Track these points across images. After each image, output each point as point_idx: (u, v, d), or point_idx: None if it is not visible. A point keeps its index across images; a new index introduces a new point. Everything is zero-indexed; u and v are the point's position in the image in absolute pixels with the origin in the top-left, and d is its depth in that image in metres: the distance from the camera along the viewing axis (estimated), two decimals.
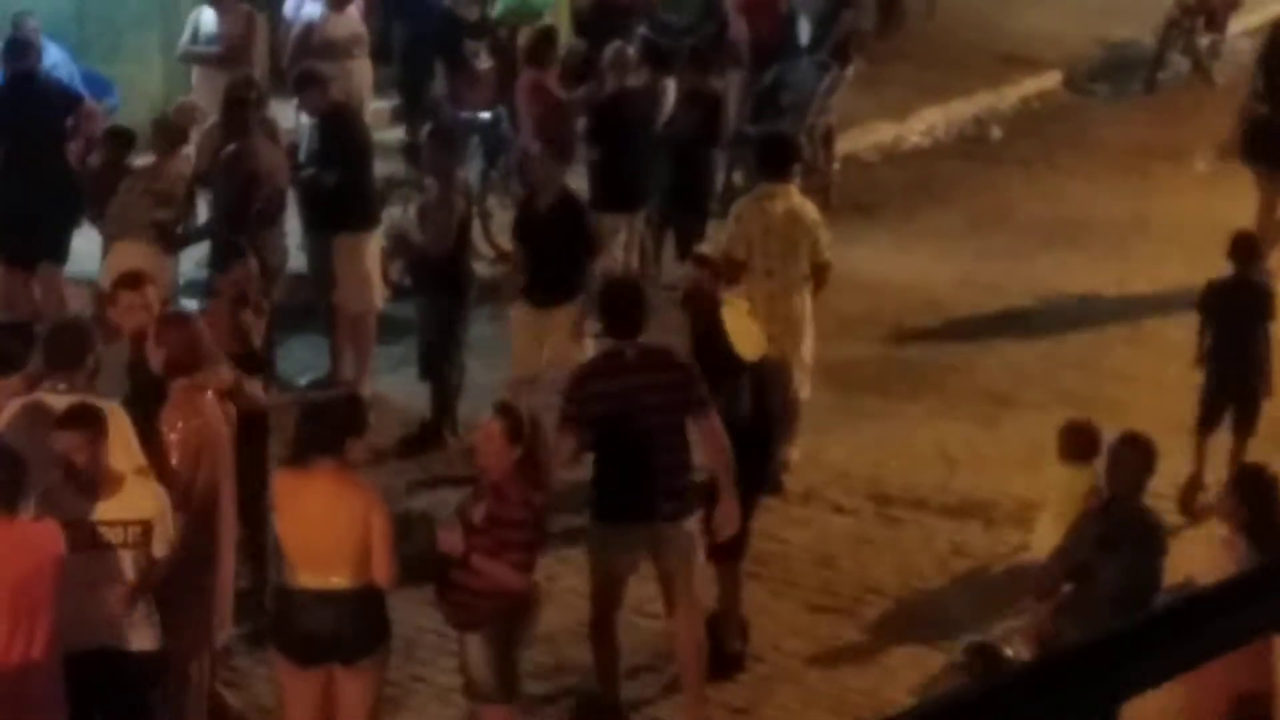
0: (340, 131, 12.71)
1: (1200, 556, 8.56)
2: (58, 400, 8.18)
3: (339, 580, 7.91)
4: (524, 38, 15.31)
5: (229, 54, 14.46)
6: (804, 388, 11.77)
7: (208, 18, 14.76)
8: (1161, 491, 9.99)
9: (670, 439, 9.08)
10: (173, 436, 8.43)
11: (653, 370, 9.12)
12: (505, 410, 8.43)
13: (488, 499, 8.28)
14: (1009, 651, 8.03)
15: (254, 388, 9.57)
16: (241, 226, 11.65)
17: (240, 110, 12.32)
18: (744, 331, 10.01)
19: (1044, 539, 9.21)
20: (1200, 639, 2.77)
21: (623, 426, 8.97)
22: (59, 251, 12.76)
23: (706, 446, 9.21)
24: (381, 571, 7.96)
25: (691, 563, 9.23)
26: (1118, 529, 8.47)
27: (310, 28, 14.99)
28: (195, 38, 14.83)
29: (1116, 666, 2.66)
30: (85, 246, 12.84)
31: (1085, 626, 8.21)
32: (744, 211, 11.59)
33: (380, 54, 16.01)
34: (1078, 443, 9.50)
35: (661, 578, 9.26)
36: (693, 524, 9.18)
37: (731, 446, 9.14)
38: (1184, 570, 8.61)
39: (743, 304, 10.61)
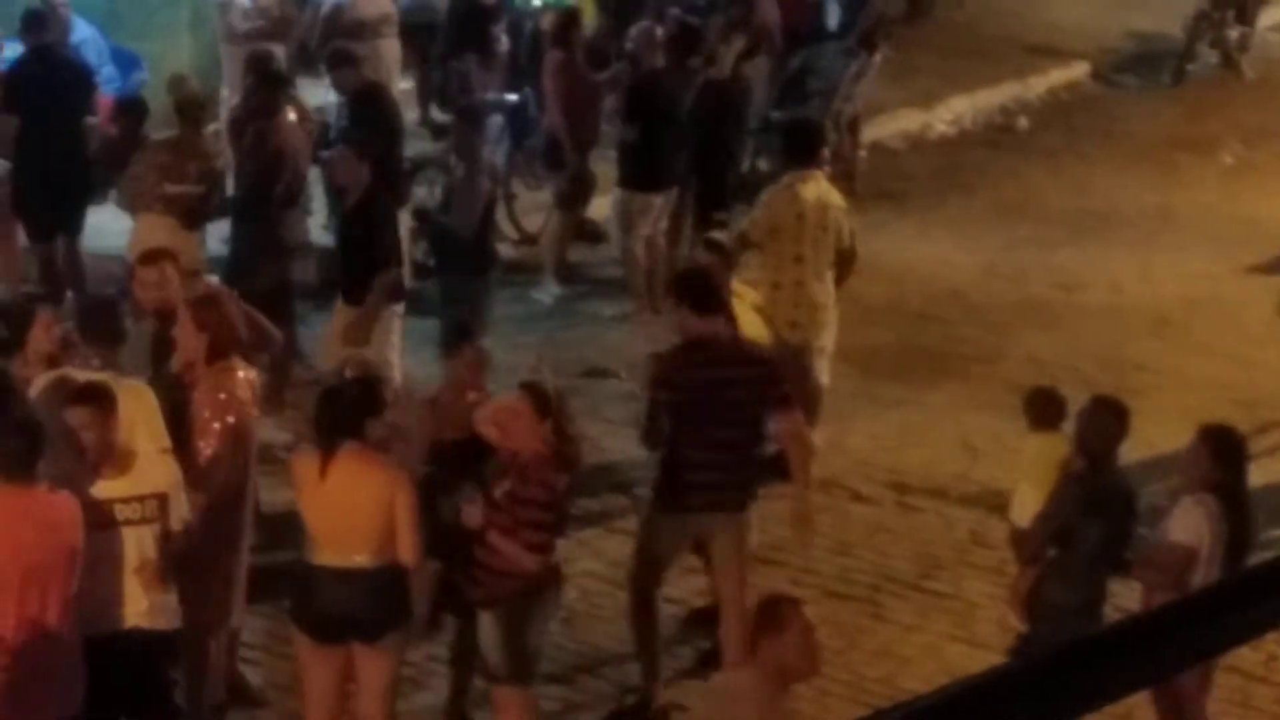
0: (370, 111, 12.73)
1: (1175, 516, 8.56)
2: (82, 378, 8.20)
3: (361, 559, 7.92)
4: (548, 20, 15.31)
5: (272, 30, 14.50)
6: (824, 374, 11.77)
7: None
8: None
9: (748, 432, 9.18)
10: (205, 415, 8.45)
11: (741, 364, 9.18)
12: (532, 388, 8.44)
13: (511, 477, 8.30)
14: None
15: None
16: (264, 205, 11.67)
17: (266, 88, 12.32)
18: (746, 322, 10.03)
19: (1023, 507, 9.23)
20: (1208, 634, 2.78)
21: (707, 418, 9.00)
22: (75, 225, 12.81)
23: (788, 444, 9.46)
24: (407, 551, 7.96)
25: (744, 551, 9.35)
26: (1101, 493, 8.51)
27: (339, 7, 15.01)
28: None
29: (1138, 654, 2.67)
30: (115, 222, 12.89)
31: (1070, 589, 8.48)
32: (774, 198, 11.55)
33: (409, 34, 16.03)
34: (1045, 409, 9.48)
35: (714, 564, 9.29)
36: (751, 513, 9.33)
37: None
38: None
39: (750, 293, 10.63)
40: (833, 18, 17.52)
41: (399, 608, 8.09)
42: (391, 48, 15.28)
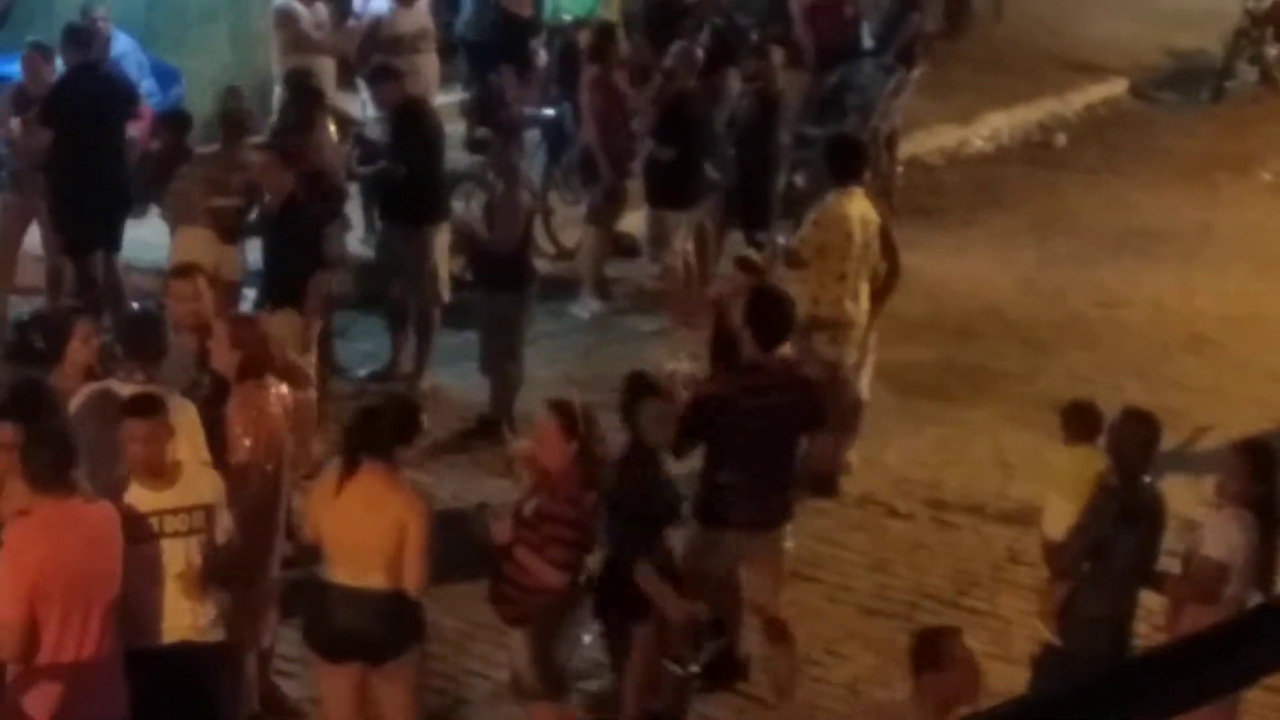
0: (412, 125, 12.76)
1: (1208, 529, 8.56)
2: (126, 390, 8.22)
3: (373, 581, 7.89)
4: (585, 35, 15.33)
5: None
6: (864, 391, 11.76)
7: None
8: None
9: (788, 454, 9.28)
10: (237, 431, 8.47)
11: (786, 389, 9.20)
12: (559, 406, 8.44)
13: (541, 493, 8.29)
14: None
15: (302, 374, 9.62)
16: (302, 221, 11.68)
17: (304, 104, 12.35)
18: None
19: (1054, 519, 9.20)
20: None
21: (749, 443, 9.01)
22: (114, 239, 12.86)
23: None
24: (411, 578, 7.91)
25: (780, 569, 9.43)
26: (1136, 506, 8.51)
27: (378, 22, 15.06)
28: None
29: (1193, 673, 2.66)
30: (155, 236, 12.95)
31: (1102, 602, 8.48)
32: (823, 217, 11.49)
33: (447, 50, 16.08)
34: (1082, 422, 9.44)
35: (750, 581, 9.29)
36: (786, 530, 9.45)
37: None
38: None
39: None
40: (870, 34, 17.50)
41: (408, 632, 8.05)
42: (430, 63, 15.32)
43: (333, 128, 12.71)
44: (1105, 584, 8.53)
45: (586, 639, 9.64)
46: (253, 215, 11.80)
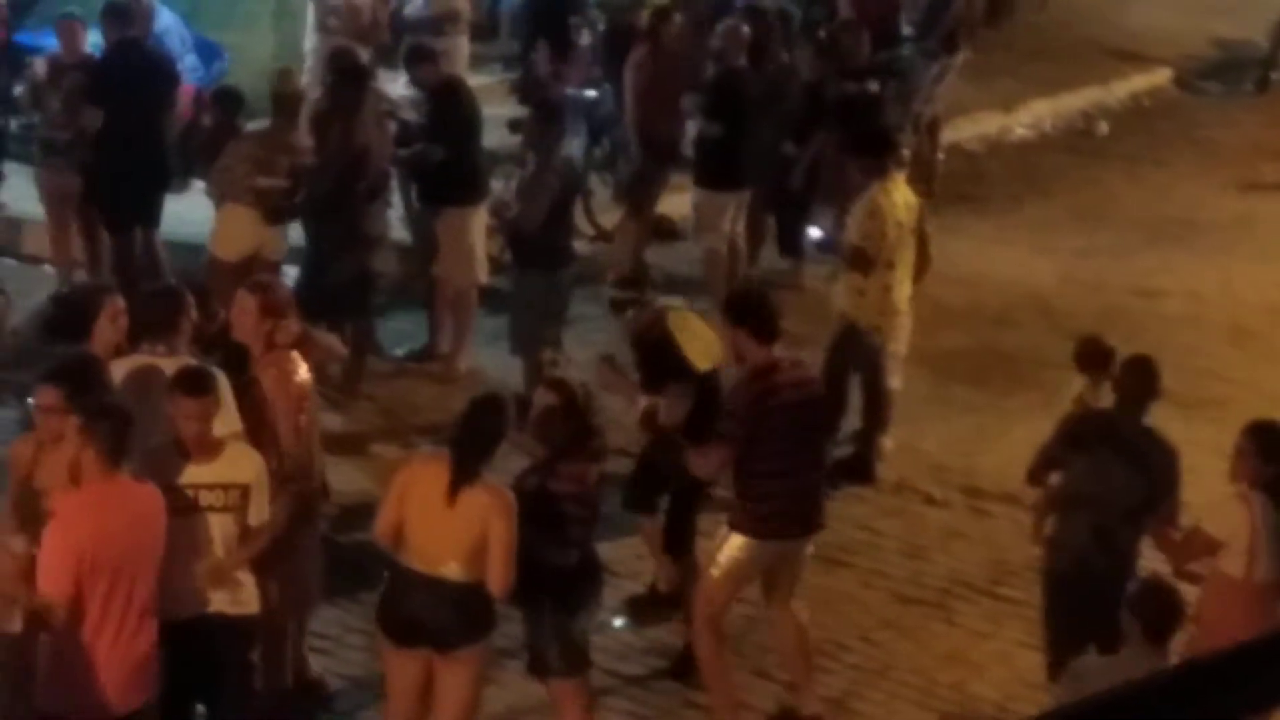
0: (450, 106, 12.75)
1: (1218, 511, 8.60)
2: (165, 363, 8.24)
3: (449, 571, 7.88)
4: (642, 14, 15.28)
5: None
6: (895, 378, 11.74)
7: None
8: None
9: (813, 456, 9.14)
10: (277, 399, 8.50)
11: (801, 388, 9.06)
12: (557, 384, 8.44)
13: (541, 472, 8.30)
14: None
15: (326, 338, 9.61)
16: (347, 205, 11.70)
17: (350, 84, 12.33)
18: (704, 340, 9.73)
19: None
20: None
21: (774, 450, 8.90)
22: (153, 216, 12.89)
23: None
24: (497, 580, 7.87)
25: (806, 563, 9.35)
26: (1089, 432, 9.03)
27: (402, 4, 15.00)
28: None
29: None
30: (193, 211, 12.98)
31: (1072, 527, 8.94)
32: (876, 206, 11.46)
33: (482, 30, 16.10)
34: (1091, 355, 10.01)
35: (778, 582, 9.24)
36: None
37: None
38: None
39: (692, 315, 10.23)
40: (912, 20, 17.44)
41: (479, 622, 8.03)
42: (458, 46, 15.27)
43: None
44: (1068, 504, 8.95)
45: (618, 623, 9.65)
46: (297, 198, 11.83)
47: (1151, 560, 9.10)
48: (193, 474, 7.71)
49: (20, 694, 7.66)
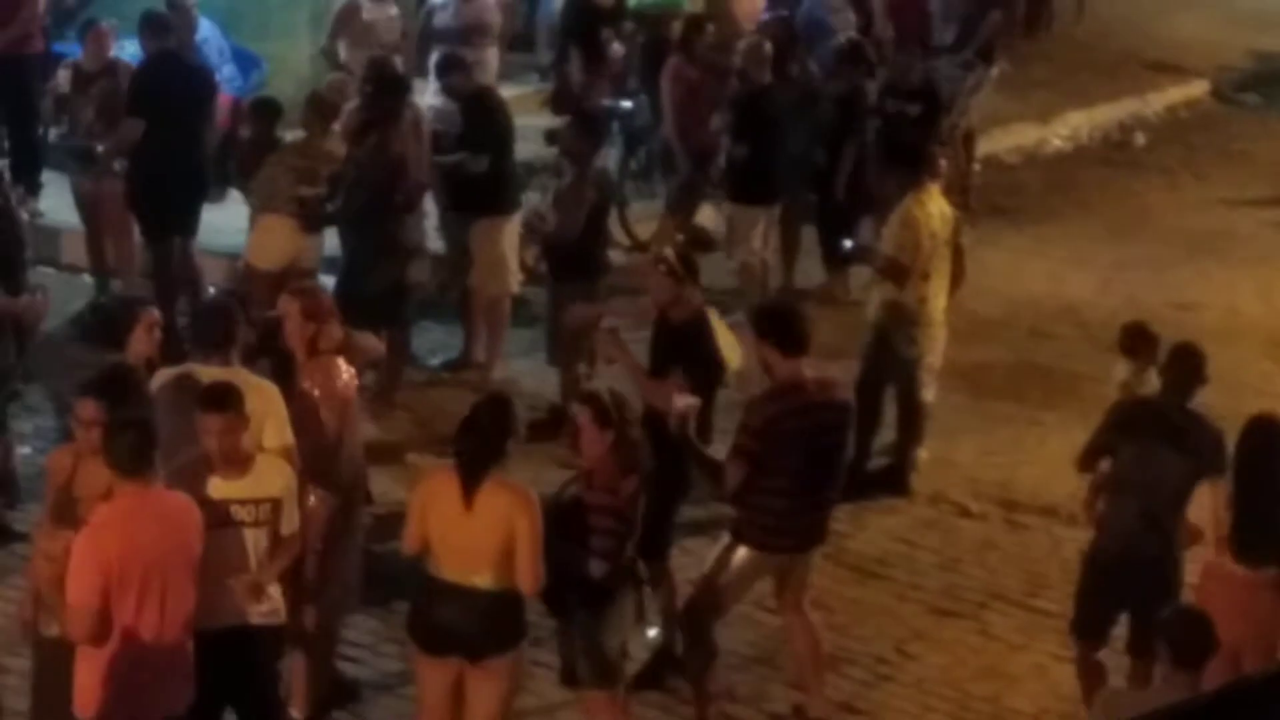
0: (483, 116, 12.77)
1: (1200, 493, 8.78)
2: (209, 374, 8.26)
3: (480, 580, 7.88)
4: (674, 26, 15.29)
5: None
6: (929, 390, 11.73)
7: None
8: None
9: (831, 474, 9.09)
10: (322, 405, 8.56)
11: (828, 409, 9.03)
12: (590, 398, 8.42)
13: (578, 483, 8.31)
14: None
15: (366, 340, 9.64)
16: (383, 215, 11.71)
17: (388, 95, 12.34)
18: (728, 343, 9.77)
19: None
20: None
21: (792, 467, 8.87)
22: (191, 226, 12.93)
23: None
24: (526, 579, 7.88)
25: (809, 573, 9.33)
26: (1137, 419, 9.11)
27: (432, 14, 14.98)
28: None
29: None
30: (231, 221, 13.00)
31: (1120, 508, 8.99)
32: (910, 217, 11.45)
33: (517, 41, 16.10)
34: (1135, 342, 10.55)
35: (784, 588, 9.25)
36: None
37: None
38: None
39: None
40: (949, 31, 17.43)
41: (510, 631, 8.03)
42: (490, 58, 15.25)
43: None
44: (1118, 490, 9.04)
45: (651, 633, 9.64)
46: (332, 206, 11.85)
47: (1189, 573, 9.05)
48: (223, 489, 7.71)
49: (57, 699, 7.69)
